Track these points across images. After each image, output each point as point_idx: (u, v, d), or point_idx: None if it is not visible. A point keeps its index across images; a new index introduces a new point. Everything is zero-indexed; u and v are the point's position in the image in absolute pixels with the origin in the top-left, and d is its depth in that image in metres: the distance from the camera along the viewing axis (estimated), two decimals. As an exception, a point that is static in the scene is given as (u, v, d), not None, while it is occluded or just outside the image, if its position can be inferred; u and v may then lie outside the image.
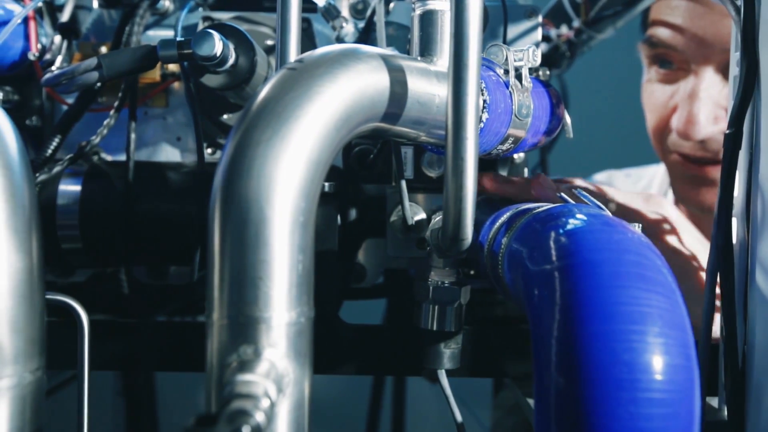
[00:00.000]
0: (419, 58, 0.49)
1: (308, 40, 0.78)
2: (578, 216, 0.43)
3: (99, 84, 0.66)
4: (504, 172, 0.85)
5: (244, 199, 0.35)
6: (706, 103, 0.90)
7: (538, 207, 0.50)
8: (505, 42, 0.73)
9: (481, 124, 0.50)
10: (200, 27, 0.80)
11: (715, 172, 0.93)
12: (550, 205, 0.49)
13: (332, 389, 1.66)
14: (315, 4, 0.78)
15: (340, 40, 0.76)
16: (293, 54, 0.54)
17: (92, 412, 0.54)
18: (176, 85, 0.81)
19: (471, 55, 0.39)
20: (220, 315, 0.36)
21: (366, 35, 0.75)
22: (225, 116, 0.77)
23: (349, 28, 0.75)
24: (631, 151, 1.25)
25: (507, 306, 0.88)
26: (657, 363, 0.33)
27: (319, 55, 0.41)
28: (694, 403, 0.34)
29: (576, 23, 1.10)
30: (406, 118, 0.45)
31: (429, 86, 0.46)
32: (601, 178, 1.24)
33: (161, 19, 0.83)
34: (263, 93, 0.38)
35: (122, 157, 0.81)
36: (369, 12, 0.77)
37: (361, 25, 0.78)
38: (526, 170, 0.78)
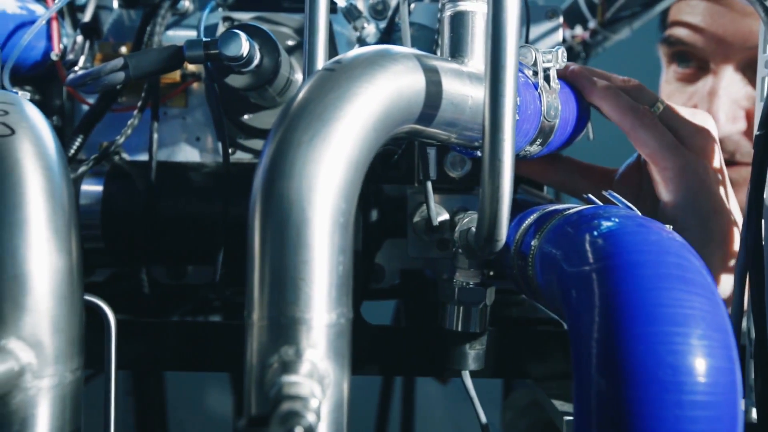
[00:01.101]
0: (450, 59, 0.49)
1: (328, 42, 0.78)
2: (612, 217, 0.43)
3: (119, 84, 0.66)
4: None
5: (286, 200, 0.36)
6: (725, 102, 0.90)
7: (568, 209, 0.50)
8: (527, 43, 0.73)
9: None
10: (220, 27, 0.80)
11: (732, 173, 0.93)
12: (581, 207, 0.49)
13: None
14: (335, 4, 0.78)
15: (361, 41, 0.76)
16: (321, 55, 0.54)
17: (102, 411, 0.54)
18: (195, 85, 0.82)
19: (509, 57, 0.39)
20: (260, 315, 0.36)
21: (388, 36, 0.76)
22: (245, 116, 0.77)
23: (370, 29, 0.75)
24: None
25: (524, 307, 0.88)
26: (701, 366, 0.33)
27: (356, 57, 0.41)
28: (737, 406, 0.34)
29: (592, 24, 1.10)
30: (439, 119, 0.45)
31: (462, 87, 0.46)
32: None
33: (181, 19, 0.83)
34: (302, 94, 0.38)
35: (141, 157, 0.81)
36: (390, 12, 0.77)
37: (382, 25, 0.78)
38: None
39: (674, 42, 0.95)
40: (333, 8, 0.81)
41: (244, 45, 0.59)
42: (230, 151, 0.80)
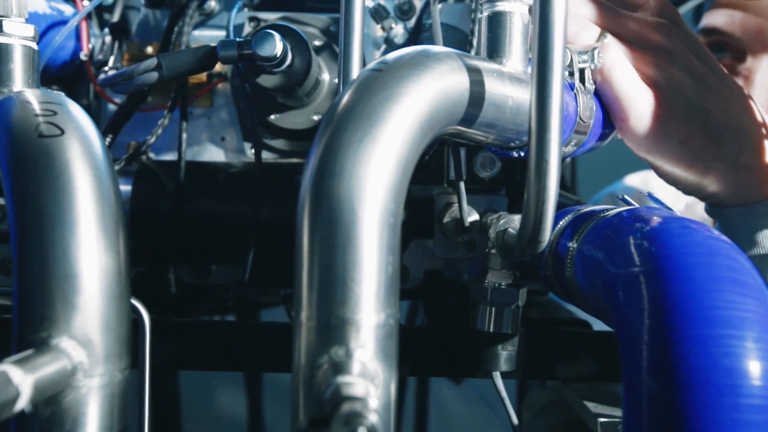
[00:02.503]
0: (488, 60, 0.49)
1: (354, 41, 0.78)
2: (654, 219, 0.43)
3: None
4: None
5: (336, 200, 0.36)
6: (761, 91, 0.89)
7: (605, 210, 0.50)
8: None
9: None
10: (246, 27, 0.80)
11: None
12: (619, 208, 0.49)
13: None
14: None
15: (389, 41, 0.76)
16: (356, 55, 0.54)
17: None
18: (220, 85, 0.82)
19: (555, 57, 0.39)
20: (308, 316, 0.36)
21: (416, 36, 0.75)
22: (272, 116, 0.77)
23: (398, 29, 0.75)
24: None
25: (547, 308, 0.88)
26: (757, 369, 0.33)
27: (401, 57, 0.41)
28: (792, 409, 0.34)
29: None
30: (481, 120, 0.45)
31: (503, 88, 0.45)
32: (635, 180, 1.23)
33: (206, 19, 0.83)
34: (349, 95, 0.38)
35: (164, 157, 0.81)
36: (418, 12, 0.77)
37: (407, 25, 0.78)
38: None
39: (711, 32, 0.94)
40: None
41: (278, 45, 0.59)
42: (254, 151, 0.80)
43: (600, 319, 0.48)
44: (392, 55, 0.42)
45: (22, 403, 0.31)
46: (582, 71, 0.54)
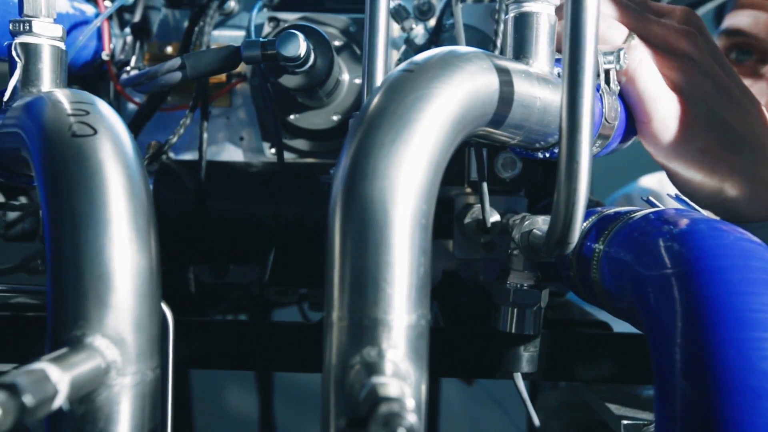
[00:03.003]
0: (515, 61, 0.49)
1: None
2: (683, 220, 0.43)
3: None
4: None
5: (369, 201, 0.36)
6: None
7: (631, 212, 0.50)
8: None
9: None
10: (266, 27, 0.80)
11: None
12: (647, 210, 0.49)
13: None
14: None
15: (409, 41, 0.76)
16: (381, 55, 0.54)
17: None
18: (239, 84, 0.82)
19: (587, 58, 0.39)
20: (339, 316, 0.36)
21: (436, 36, 0.75)
22: (291, 116, 0.77)
23: (419, 30, 0.75)
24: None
25: (564, 309, 0.88)
26: (794, 372, 0.32)
27: (431, 57, 0.41)
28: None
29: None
30: (509, 121, 0.45)
31: (531, 89, 0.45)
32: (651, 181, 1.23)
33: (226, 19, 0.83)
34: (381, 95, 0.38)
35: (184, 157, 0.81)
36: (438, 13, 0.77)
37: (428, 26, 0.78)
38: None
39: (734, 33, 0.93)
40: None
41: (302, 45, 0.59)
42: (273, 150, 0.81)
43: (626, 320, 0.48)
44: (422, 56, 0.42)
45: (60, 401, 0.31)
46: (607, 72, 0.54)
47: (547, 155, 0.53)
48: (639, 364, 0.66)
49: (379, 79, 0.54)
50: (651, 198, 0.53)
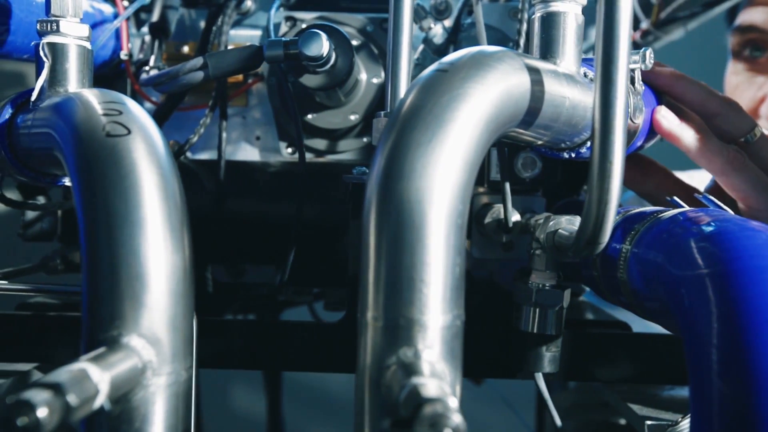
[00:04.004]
0: (543, 60, 0.49)
1: (390, 41, 0.78)
2: (713, 220, 0.43)
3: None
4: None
5: (406, 201, 0.35)
6: None
7: (657, 212, 0.50)
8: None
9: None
10: (283, 27, 0.80)
11: None
12: (675, 210, 0.48)
13: None
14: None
15: (428, 41, 0.76)
16: (405, 55, 0.54)
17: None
18: (255, 84, 0.82)
19: (621, 57, 0.39)
20: (375, 316, 0.36)
21: (454, 36, 0.75)
22: (309, 116, 0.77)
23: (437, 29, 0.75)
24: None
25: (581, 309, 0.88)
26: (834, 373, 0.32)
27: (463, 57, 0.41)
28: None
29: (644, 24, 1.09)
30: (539, 121, 0.44)
31: (561, 88, 0.45)
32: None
33: (242, 18, 0.83)
34: (414, 95, 0.38)
35: (199, 156, 0.81)
36: (456, 12, 0.77)
37: (445, 25, 0.78)
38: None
39: (747, 29, 0.92)
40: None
41: (324, 45, 0.59)
42: (290, 150, 0.81)
43: (654, 321, 0.48)
44: (454, 56, 0.42)
45: (101, 401, 0.31)
46: (632, 71, 0.54)
47: (573, 155, 0.53)
48: (660, 365, 0.66)
49: (403, 78, 0.54)
50: (676, 198, 0.53)
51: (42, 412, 0.27)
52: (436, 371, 0.35)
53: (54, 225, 0.75)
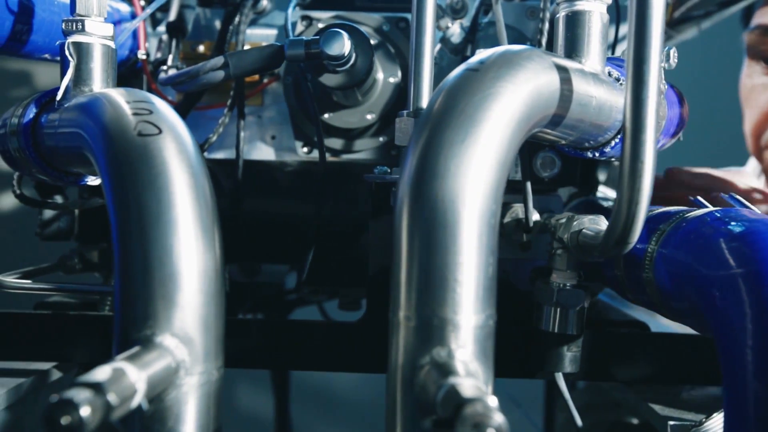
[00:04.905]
0: (568, 59, 0.48)
1: (406, 40, 0.78)
2: (742, 220, 0.43)
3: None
4: (603, 175, 0.84)
5: (440, 200, 0.35)
6: None
7: (683, 212, 0.50)
8: (615, 43, 0.73)
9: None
10: (299, 26, 0.80)
11: None
12: (700, 211, 0.48)
13: (372, 388, 1.65)
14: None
15: (445, 40, 0.75)
16: (428, 55, 0.54)
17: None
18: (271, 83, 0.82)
19: (653, 57, 0.39)
20: (407, 315, 0.36)
21: (472, 35, 0.75)
22: (326, 115, 0.77)
23: (455, 29, 0.75)
24: (707, 152, 1.23)
25: (597, 309, 0.87)
26: None
27: (491, 56, 0.41)
28: None
29: (657, 23, 1.08)
30: (567, 121, 0.44)
31: (588, 88, 0.45)
32: (675, 180, 1.22)
33: (257, 17, 0.83)
34: (445, 94, 0.38)
35: (215, 156, 0.81)
36: (473, 12, 0.76)
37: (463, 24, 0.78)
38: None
39: (766, 30, 0.91)
40: (408, 8, 0.81)
41: (346, 44, 0.59)
42: (306, 150, 0.80)
43: (681, 321, 0.48)
44: (483, 55, 0.42)
45: (138, 400, 0.31)
46: (656, 71, 0.54)
47: (597, 154, 0.53)
48: (679, 365, 0.65)
49: (426, 78, 0.54)
50: (699, 198, 0.53)
51: (85, 411, 0.27)
52: (470, 371, 0.35)
53: (71, 224, 0.75)
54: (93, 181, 0.55)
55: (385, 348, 0.36)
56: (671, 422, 0.56)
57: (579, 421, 0.62)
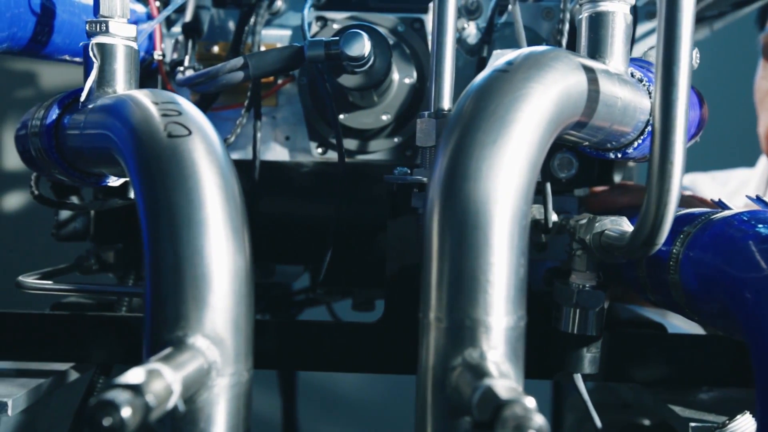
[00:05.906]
0: (595, 60, 0.48)
1: (421, 40, 0.78)
2: (768, 222, 0.43)
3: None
4: (618, 177, 0.84)
5: (472, 201, 0.35)
6: None
7: (708, 213, 0.50)
8: (632, 44, 0.73)
9: (649, 128, 0.50)
10: (314, 26, 0.80)
11: None
12: (725, 212, 0.48)
13: (378, 389, 1.65)
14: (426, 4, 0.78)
15: (461, 41, 0.75)
16: (449, 56, 0.54)
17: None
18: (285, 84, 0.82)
19: (683, 58, 0.39)
20: (438, 317, 0.36)
21: (488, 36, 0.75)
22: (341, 116, 0.77)
23: (471, 29, 0.75)
24: (716, 153, 1.23)
25: (609, 310, 0.87)
26: None
27: (519, 57, 0.41)
28: None
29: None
30: (593, 122, 0.44)
31: (613, 88, 0.45)
32: (684, 181, 1.22)
33: (272, 18, 0.83)
34: (474, 96, 0.38)
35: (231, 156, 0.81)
36: (489, 13, 0.76)
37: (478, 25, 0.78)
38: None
39: None
40: (425, 8, 0.81)
41: (366, 45, 0.59)
42: (320, 150, 0.80)
43: (709, 323, 0.48)
44: (509, 56, 0.42)
45: (174, 400, 0.31)
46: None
47: (619, 155, 0.52)
48: (698, 366, 0.65)
49: (447, 78, 0.54)
50: (721, 199, 0.53)
51: (126, 412, 0.27)
52: (502, 372, 0.35)
53: (87, 225, 0.75)
54: (114, 182, 0.55)
55: (404, 348, 0.36)
56: (692, 424, 0.56)
57: (598, 422, 0.61)
